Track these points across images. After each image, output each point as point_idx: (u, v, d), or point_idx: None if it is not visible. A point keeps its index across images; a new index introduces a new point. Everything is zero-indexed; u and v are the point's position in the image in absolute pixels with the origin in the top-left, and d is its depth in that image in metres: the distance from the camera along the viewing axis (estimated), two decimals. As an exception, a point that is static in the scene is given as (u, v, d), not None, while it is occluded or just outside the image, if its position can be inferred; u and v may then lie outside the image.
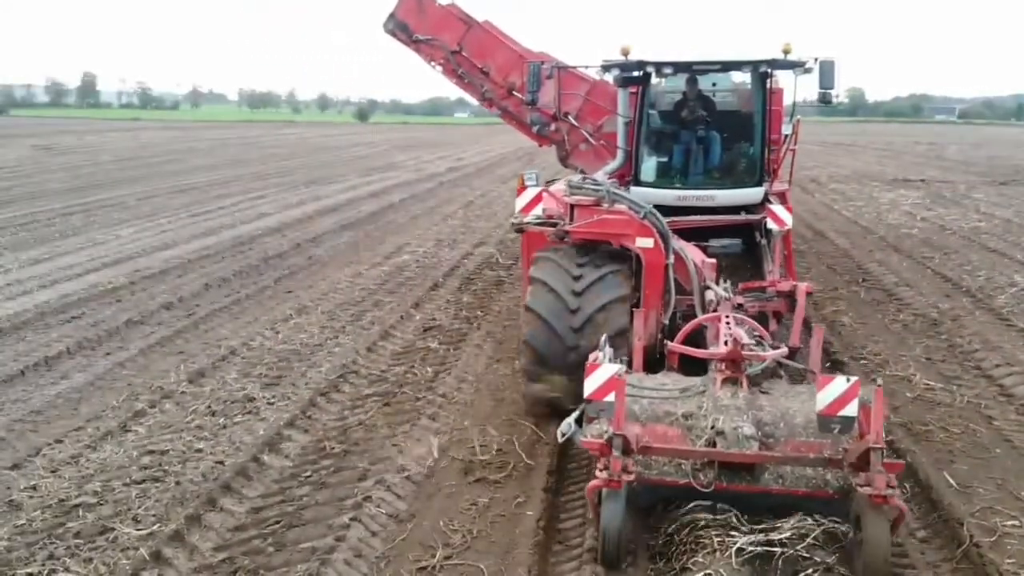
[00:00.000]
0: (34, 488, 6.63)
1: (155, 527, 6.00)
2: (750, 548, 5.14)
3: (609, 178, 9.44)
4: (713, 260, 8.60)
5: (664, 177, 10.14)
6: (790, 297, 8.36)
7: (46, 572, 5.49)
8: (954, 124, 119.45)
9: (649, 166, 10.14)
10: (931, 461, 7.01)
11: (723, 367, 6.21)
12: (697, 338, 7.30)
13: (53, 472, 6.91)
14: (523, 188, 8.80)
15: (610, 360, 6.06)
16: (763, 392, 6.19)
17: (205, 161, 41.13)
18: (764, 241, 9.81)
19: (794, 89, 10.17)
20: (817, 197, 26.24)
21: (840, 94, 9.50)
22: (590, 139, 11.46)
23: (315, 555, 5.68)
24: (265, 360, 9.79)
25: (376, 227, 20.22)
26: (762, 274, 9.39)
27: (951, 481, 6.67)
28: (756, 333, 7.07)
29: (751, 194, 9.79)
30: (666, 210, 8.65)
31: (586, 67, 11.00)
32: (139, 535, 5.90)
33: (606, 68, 9.92)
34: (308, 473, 6.92)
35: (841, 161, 41.81)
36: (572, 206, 8.12)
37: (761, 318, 8.07)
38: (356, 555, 5.71)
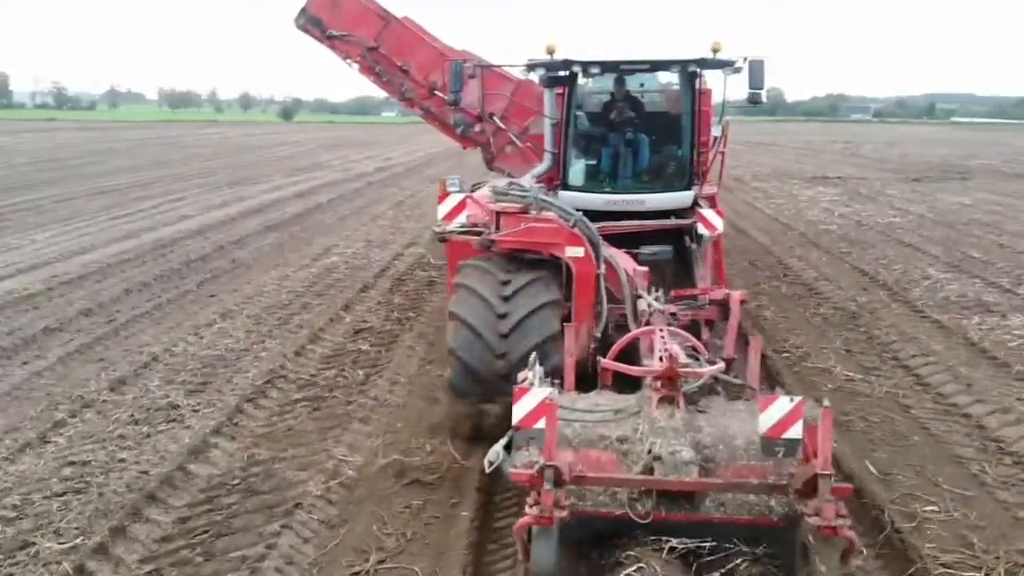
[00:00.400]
0: (-53, 505, 6.37)
1: (78, 540, 5.83)
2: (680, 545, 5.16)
3: (537, 182, 9.25)
4: (645, 268, 8.22)
5: (592, 181, 9.95)
6: (723, 305, 8.12)
7: (-40, 592, 5.30)
8: (869, 123, 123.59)
9: (577, 169, 9.93)
10: (853, 450, 7.24)
11: (659, 385, 5.80)
12: (631, 351, 6.95)
13: (-33, 488, 6.64)
14: (445, 194, 8.59)
15: (541, 381, 5.68)
16: (700, 411, 5.82)
17: (125, 162, 39.91)
18: (695, 246, 9.65)
19: (723, 89, 9.73)
20: (739, 195, 26.81)
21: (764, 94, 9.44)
22: (516, 141, 11.17)
23: (245, 564, 5.59)
24: (189, 366, 9.56)
25: (302, 228, 19.92)
26: (693, 281, 9.20)
27: (872, 469, 6.91)
28: (689, 345, 6.71)
29: (681, 198, 9.69)
30: (595, 215, 8.41)
31: (511, 66, 10.71)
32: (61, 549, 5.73)
33: (531, 67, 9.70)
34: (236, 481, 6.78)
35: (762, 160, 42.83)
36: (498, 213, 7.81)
37: (693, 327, 7.80)
38: (287, 562, 5.63)
